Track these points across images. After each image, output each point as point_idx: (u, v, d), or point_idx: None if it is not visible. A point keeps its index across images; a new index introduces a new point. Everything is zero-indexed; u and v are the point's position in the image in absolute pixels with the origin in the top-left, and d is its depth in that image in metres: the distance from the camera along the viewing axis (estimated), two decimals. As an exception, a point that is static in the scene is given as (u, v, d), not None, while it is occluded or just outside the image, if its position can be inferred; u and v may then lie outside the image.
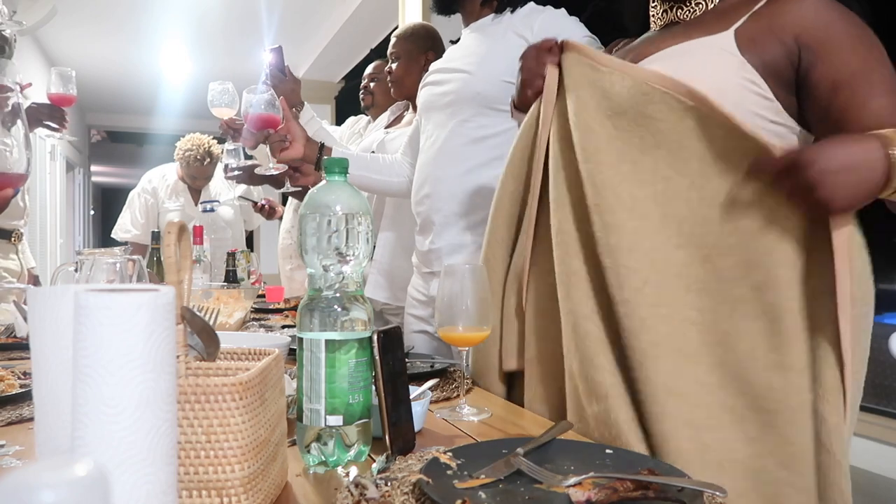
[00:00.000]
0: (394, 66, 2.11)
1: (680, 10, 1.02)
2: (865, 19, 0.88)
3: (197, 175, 3.27)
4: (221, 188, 3.33)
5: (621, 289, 0.88)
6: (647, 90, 0.88)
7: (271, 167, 1.62)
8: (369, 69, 2.63)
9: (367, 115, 2.67)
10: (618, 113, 0.91)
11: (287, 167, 1.60)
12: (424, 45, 2.07)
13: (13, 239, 2.31)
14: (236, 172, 2.39)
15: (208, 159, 3.24)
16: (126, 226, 3.23)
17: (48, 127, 1.98)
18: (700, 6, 1.00)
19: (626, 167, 0.91)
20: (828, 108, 0.87)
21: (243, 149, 2.40)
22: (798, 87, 0.90)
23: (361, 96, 2.60)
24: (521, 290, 1.06)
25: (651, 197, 0.90)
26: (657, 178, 0.90)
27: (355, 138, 2.64)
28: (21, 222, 2.35)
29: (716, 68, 0.91)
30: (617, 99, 0.91)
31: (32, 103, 1.99)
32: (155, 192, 3.27)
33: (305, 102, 2.00)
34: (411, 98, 2.04)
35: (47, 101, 1.98)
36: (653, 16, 1.09)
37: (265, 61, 1.92)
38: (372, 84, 2.56)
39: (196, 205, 3.27)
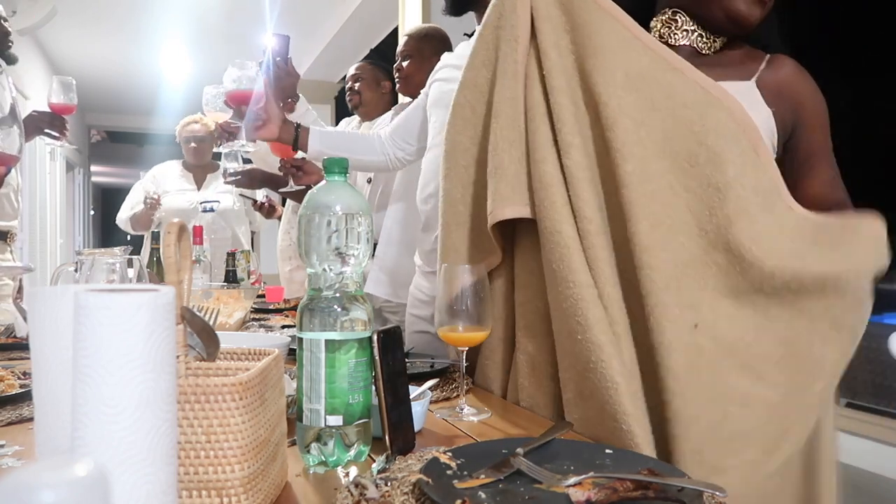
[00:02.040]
0: (404, 63, 2.19)
1: (700, 41, 1.06)
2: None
3: (197, 150, 3.25)
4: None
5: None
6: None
7: (244, 144, 1.65)
8: (352, 70, 2.65)
9: (355, 114, 2.70)
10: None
11: (256, 141, 1.63)
12: (437, 49, 2.09)
13: (8, 239, 2.36)
14: (235, 176, 2.39)
15: (209, 132, 3.25)
16: (125, 211, 3.27)
17: (48, 135, 1.98)
18: (716, 45, 1.06)
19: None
20: (796, 170, 1.06)
21: (241, 152, 2.41)
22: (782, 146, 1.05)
23: (348, 98, 2.64)
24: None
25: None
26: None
27: None
28: (15, 223, 2.39)
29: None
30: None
31: (33, 111, 1.99)
32: (156, 179, 3.29)
33: (301, 95, 2.05)
34: (416, 96, 2.05)
35: (48, 109, 1.98)
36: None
37: (268, 45, 1.88)
38: (357, 84, 2.59)
39: (199, 189, 3.27)
